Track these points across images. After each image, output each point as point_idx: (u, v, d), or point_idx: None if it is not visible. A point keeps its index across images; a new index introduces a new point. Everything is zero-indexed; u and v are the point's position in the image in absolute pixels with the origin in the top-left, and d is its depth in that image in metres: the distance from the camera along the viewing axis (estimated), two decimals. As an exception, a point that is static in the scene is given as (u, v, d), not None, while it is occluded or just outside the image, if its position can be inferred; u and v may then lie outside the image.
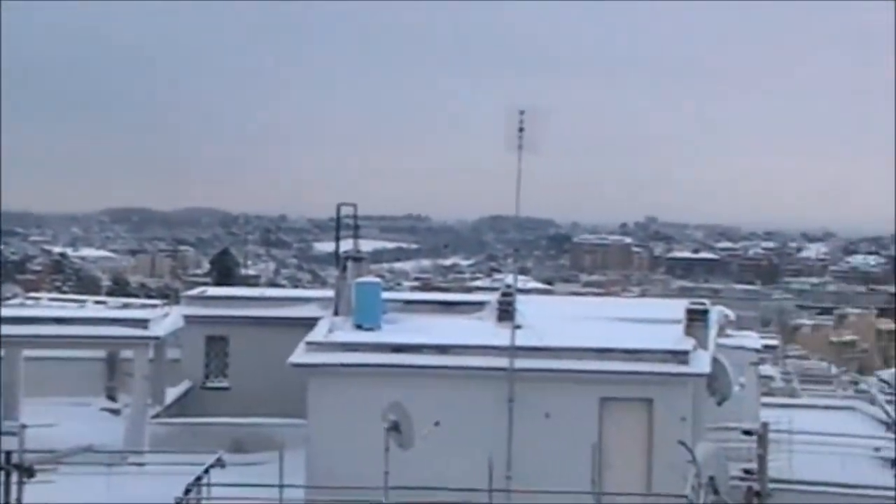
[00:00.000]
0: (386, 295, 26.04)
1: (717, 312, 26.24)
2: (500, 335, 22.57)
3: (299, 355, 22.93)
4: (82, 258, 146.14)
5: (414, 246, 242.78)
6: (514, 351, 21.90)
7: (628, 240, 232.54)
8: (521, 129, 22.04)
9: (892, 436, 27.92)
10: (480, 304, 25.82)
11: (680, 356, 22.23)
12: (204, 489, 20.82)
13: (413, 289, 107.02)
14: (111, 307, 29.96)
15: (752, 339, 29.71)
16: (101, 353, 28.88)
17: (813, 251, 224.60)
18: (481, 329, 23.91)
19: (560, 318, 24.34)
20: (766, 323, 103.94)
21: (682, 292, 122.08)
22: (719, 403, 24.54)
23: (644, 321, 24.55)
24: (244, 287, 53.45)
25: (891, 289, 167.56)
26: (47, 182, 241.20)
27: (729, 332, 28.67)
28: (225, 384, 28.41)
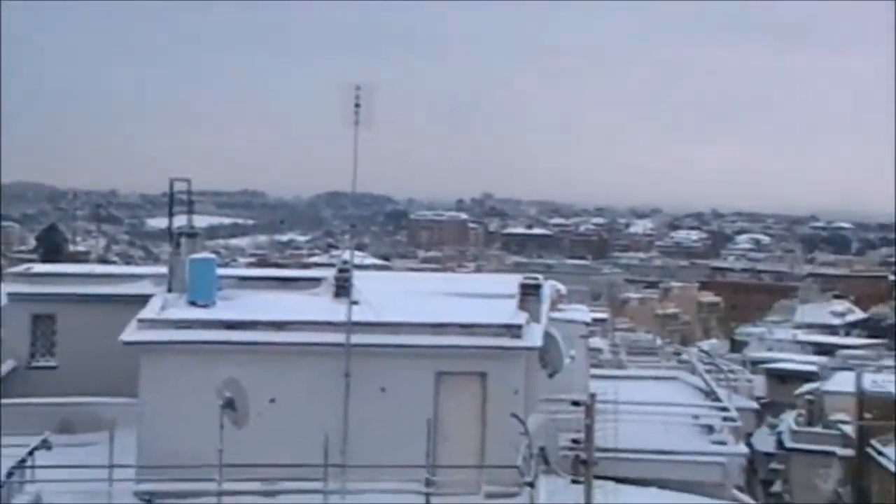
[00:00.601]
0: (221, 271, 25.69)
1: (549, 287, 26.87)
2: (336, 311, 22.58)
3: (131, 333, 22.45)
4: None
5: (250, 222, 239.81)
6: (350, 326, 21.97)
7: (464, 216, 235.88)
8: (357, 105, 22.03)
9: (711, 404, 29.36)
10: (317, 280, 25.76)
11: (513, 330, 22.70)
12: (28, 472, 20.19)
13: (249, 265, 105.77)
14: (-72, 285, 28.56)
15: (583, 313, 30.62)
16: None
17: (640, 227, 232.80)
18: (318, 305, 23.86)
19: (397, 294, 24.51)
20: (597, 297, 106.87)
21: (517, 267, 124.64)
22: (551, 376, 25.21)
23: (479, 296, 24.97)
24: (73, 264, 51.74)
25: (711, 263, 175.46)
26: None
27: (561, 306, 29.47)
28: (52, 363, 27.54)
